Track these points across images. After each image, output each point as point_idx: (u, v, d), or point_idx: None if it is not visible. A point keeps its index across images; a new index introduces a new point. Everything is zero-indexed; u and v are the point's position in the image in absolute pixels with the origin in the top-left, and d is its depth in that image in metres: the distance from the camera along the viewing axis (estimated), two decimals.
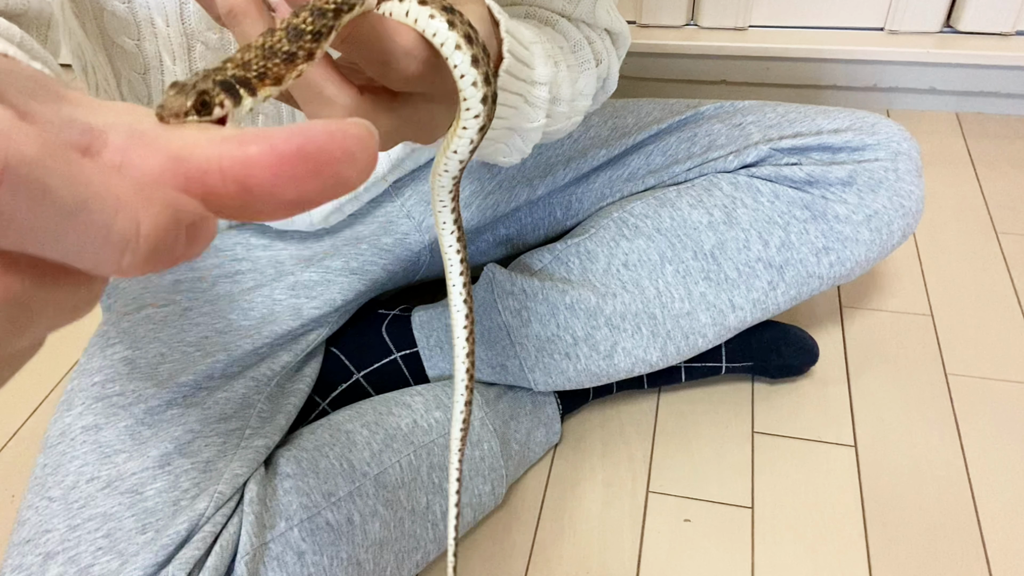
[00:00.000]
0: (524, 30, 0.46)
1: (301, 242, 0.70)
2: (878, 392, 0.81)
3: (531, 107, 0.49)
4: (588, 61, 0.57)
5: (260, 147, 0.17)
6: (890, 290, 0.92)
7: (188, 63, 0.52)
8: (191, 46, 0.52)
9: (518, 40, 0.43)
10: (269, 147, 0.17)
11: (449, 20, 0.30)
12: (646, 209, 0.70)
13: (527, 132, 0.50)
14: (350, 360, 0.73)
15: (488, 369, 0.72)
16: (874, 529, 0.69)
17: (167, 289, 0.66)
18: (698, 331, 0.69)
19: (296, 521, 0.57)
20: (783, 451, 0.76)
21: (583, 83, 0.56)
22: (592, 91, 0.57)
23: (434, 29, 0.30)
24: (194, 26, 0.51)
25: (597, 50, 0.60)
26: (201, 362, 0.61)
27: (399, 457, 0.64)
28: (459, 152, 0.34)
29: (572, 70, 0.53)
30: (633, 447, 0.77)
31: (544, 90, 0.48)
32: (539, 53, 0.47)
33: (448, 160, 0.35)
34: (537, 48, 0.47)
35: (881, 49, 1.18)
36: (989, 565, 0.66)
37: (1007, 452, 0.74)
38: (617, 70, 0.63)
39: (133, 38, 0.52)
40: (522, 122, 0.49)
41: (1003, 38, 1.17)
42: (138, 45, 0.53)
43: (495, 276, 0.71)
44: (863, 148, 0.69)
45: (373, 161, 0.18)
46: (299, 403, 0.67)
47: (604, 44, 0.61)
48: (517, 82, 0.45)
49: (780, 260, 0.68)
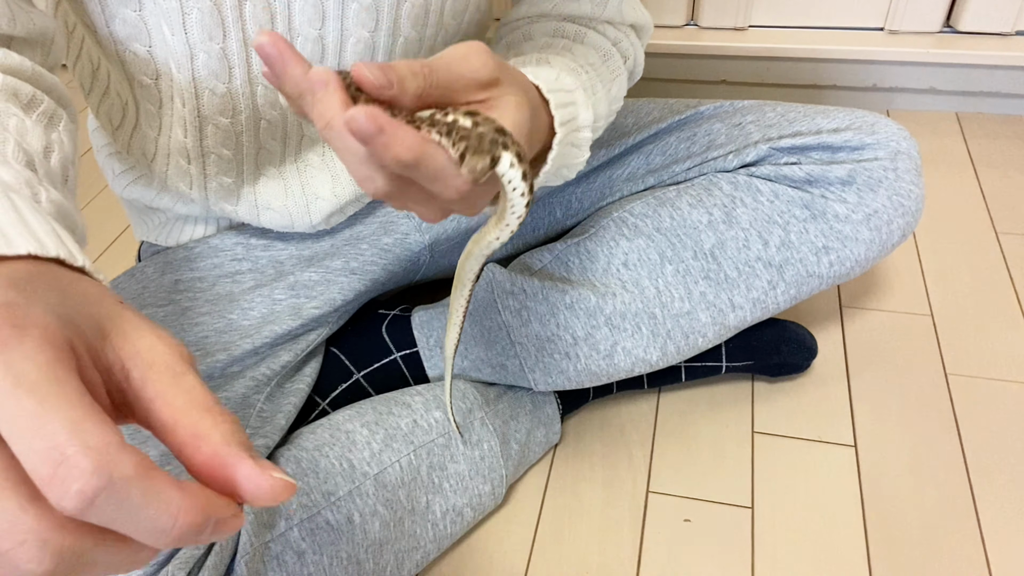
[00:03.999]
0: (565, 78, 0.50)
1: (301, 242, 0.70)
2: (878, 392, 0.81)
3: (578, 148, 0.53)
4: (619, 68, 0.61)
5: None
6: (890, 290, 0.92)
7: (191, 71, 0.53)
8: (194, 55, 0.52)
9: (563, 102, 0.48)
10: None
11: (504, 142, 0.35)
12: (646, 209, 0.71)
13: (574, 166, 0.54)
14: (350, 360, 0.73)
15: (488, 369, 0.72)
16: (874, 529, 0.69)
17: (167, 289, 0.66)
18: (698, 331, 0.69)
19: (296, 521, 0.57)
20: (783, 451, 0.76)
21: (616, 90, 0.59)
22: (624, 93, 0.61)
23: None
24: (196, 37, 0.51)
25: (624, 49, 0.62)
26: (201, 362, 0.61)
27: (399, 457, 0.64)
28: (501, 238, 0.41)
29: (606, 84, 0.57)
30: (633, 447, 0.77)
31: (588, 131, 0.52)
32: (581, 100, 0.51)
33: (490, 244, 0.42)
34: (579, 95, 0.51)
35: (881, 49, 1.18)
36: (989, 565, 0.65)
37: (1007, 452, 0.74)
38: (642, 59, 0.65)
39: (144, 44, 0.53)
40: (570, 161, 0.54)
41: (1003, 38, 1.17)
42: (150, 51, 0.54)
43: (495, 276, 0.71)
44: (862, 147, 0.69)
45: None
46: (299, 403, 0.67)
47: (630, 40, 0.63)
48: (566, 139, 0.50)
49: (780, 259, 0.68)
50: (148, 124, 0.59)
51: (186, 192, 0.62)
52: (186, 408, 0.25)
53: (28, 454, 0.22)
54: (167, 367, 0.26)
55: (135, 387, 0.26)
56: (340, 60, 0.57)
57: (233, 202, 0.64)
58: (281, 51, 0.36)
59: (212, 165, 0.60)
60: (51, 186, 0.36)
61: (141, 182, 0.65)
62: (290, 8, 0.53)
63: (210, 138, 0.58)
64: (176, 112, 0.57)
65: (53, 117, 0.43)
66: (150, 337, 0.27)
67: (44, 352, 0.23)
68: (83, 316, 0.26)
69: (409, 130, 0.34)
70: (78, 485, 0.21)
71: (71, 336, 0.25)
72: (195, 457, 0.25)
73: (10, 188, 0.32)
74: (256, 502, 0.25)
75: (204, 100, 0.55)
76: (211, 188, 0.62)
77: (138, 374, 0.26)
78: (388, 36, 0.57)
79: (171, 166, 0.61)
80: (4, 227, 0.28)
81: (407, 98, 0.37)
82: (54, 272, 0.28)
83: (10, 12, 0.43)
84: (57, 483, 0.21)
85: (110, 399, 0.26)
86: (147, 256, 0.71)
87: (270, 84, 0.51)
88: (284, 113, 0.58)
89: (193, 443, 0.25)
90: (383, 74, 0.36)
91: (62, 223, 0.35)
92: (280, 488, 0.25)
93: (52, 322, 0.24)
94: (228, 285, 0.67)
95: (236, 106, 0.56)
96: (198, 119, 0.56)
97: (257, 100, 0.56)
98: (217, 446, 0.25)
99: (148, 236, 0.71)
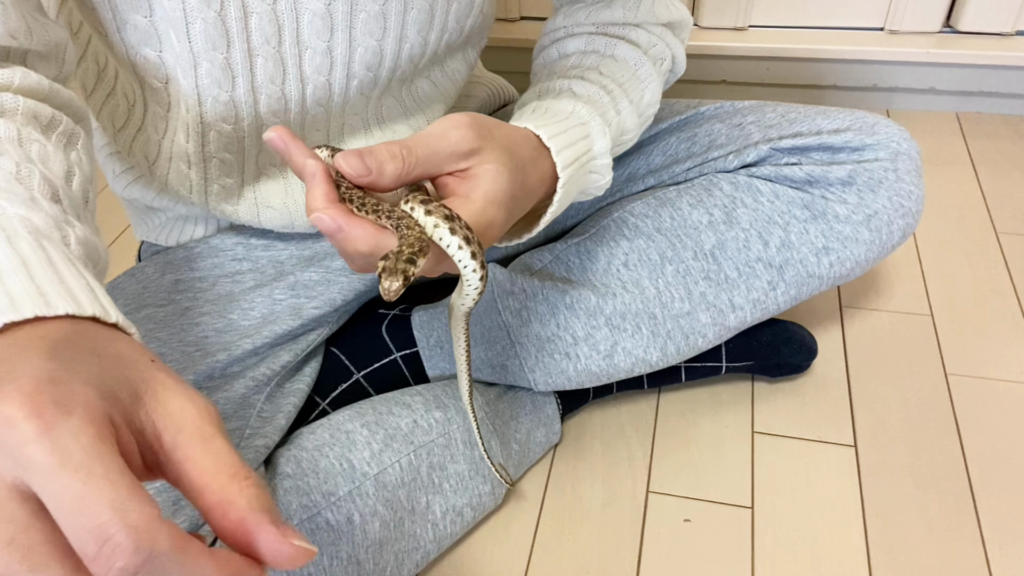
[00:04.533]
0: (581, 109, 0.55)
1: (301, 242, 0.70)
2: (878, 392, 0.81)
3: (598, 174, 0.57)
4: (649, 75, 0.63)
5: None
6: (890, 290, 0.92)
7: (195, 78, 0.53)
8: (197, 63, 0.52)
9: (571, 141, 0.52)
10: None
11: (451, 228, 0.41)
12: (646, 209, 0.70)
13: (597, 189, 0.58)
14: (350, 360, 0.73)
15: (488, 369, 0.72)
16: (874, 529, 0.69)
17: (167, 289, 0.66)
18: (698, 331, 0.69)
19: (296, 521, 0.57)
20: (783, 451, 0.76)
21: (650, 96, 0.63)
22: (659, 96, 0.64)
23: (440, 235, 0.41)
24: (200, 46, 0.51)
25: (660, 52, 0.64)
26: (201, 362, 0.61)
27: (399, 457, 0.64)
28: (465, 304, 0.47)
29: (636, 96, 0.61)
30: (633, 447, 0.77)
31: (606, 158, 0.55)
32: (597, 130, 0.55)
33: (459, 309, 0.49)
34: (595, 125, 0.55)
35: (881, 49, 1.18)
36: (989, 565, 0.66)
37: (1007, 452, 0.74)
38: (683, 53, 0.68)
39: (155, 49, 0.53)
40: (589, 187, 0.58)
41: (1003, 38, 1.17)
42: (160, 56, 0.54)
43: (495, 276, 0.71)
44: (863, 148, 0.69)
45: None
46: (299, 403, 0.67)
47: (665, 41, 0.65)
48: (578, 175, 0.55)
49: (780, 260, 0.68)
50: (154, 127, 0.59)
51: (186, 196, 0.62)
52: (214, 472, 0.27)
53: (74, 531, 0.23)
54: (196, 430, 0.28)
55: (166, 449, 0.27)
56: (348, 70, 0.57)
57: (234, 202, 0.64)
58: (286, 143, 0.43)
59: (214, 168, 0.60)
60: (76, 219, 0.38)
61: (141, 182, 0.65)
62: (298, 21, 0.53)
63: (212, 143, 0.58)
64: (180, 117, 0.57)
65: (71, 136, 0.44)
66: (181, 399, 0.28)
67: (87, 430, 0.24)
68: (119, 381, 0.27)
69: (366, 226, 0.40)
70: (121, 563, 0.23)
71: (109, 408, 0.26)
72: (222, 522, 0.26)
73: (42, 234, 0.33)
74: (276, 567, 0.27)
75: (207, 107, 0.55)
76: (212, 191, 0.62)
77: (169, 437, 0.27)
78: (395, 43, 0.57)
79: (172, 170, 0.61)
80: (43, 286, 0.29)
81: (386, 181, 0.43)
82: (89, 331, 0.29)
83: (26, 26, 0.43)
84: (102, 560, 0.23)
85: (143, 459, 0.28)
86: (147, 256, 0.71)
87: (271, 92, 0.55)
88: (286, 121, 0.59)
89: (220, 508, 0.26)
90: (361, 163, 0.42)
91: (90, 260, 0.36)
92: (299, 555, 0.26)
93: (92, 397, 0.25)
94: (228, 285, 0.67)
95: (239, 113, 0.56)
96: (201, 125, 0.56)
97: (260, 108, 0.56)
98: (244, 512, 0.26)
99: (148, 236, 0.71)
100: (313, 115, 0.59)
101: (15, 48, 0.43)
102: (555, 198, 0.52)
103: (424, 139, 0.44)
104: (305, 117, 0.59)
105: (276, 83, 0.55)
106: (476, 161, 0.45)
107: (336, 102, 0.59)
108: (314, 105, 0.58)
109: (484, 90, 0.81)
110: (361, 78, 0.58)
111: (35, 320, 0.28)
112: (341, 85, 0.58)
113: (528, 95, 0.61)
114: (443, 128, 0.45)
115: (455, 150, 0.44)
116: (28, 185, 0.36)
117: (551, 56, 0.67)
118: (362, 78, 0.58)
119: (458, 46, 0.64)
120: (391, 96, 0.63)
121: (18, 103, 0.41)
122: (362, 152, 0.42)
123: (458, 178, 0.46)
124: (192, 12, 0.50)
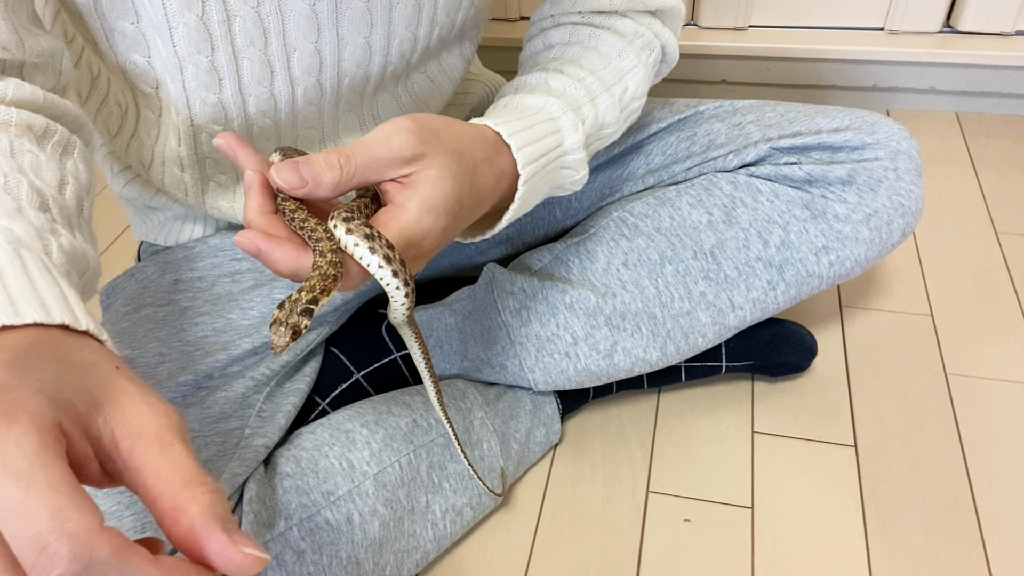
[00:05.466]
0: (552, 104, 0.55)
1: None
2: (878, 392, 0.81)
3: (571, 170, 0.57)
4: (633, 67, 0.61)
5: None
6: (890, 290, 0.92)
7: (182, 82, 0.53)
8: (183, 67, 0.52)
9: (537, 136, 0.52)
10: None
11: (371, 247, 0.41)
12: (646, 209, 0.70)
13: (571, 184, 0.57)
14: (350, 360, 0.73)
15: (488, 369, 0.72)
16: (874, 529, 0.69)
17: (167, 289, 0.66)
18: (698, 330, 0.69)
19: (295, 520, 0.57)
20: (783, 451, 0.76)
21: (633, 90, 0.62)
22: (645, 88, 0.63)
23: (360, 254, 0.41)
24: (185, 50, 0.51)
25: (646, 41, 0.63)
26: (201, 362, 0.61)
27: (399, 456, 0.64)
28: (396, 317, 0.47)
29: (616, 88, 0.60)
30: (633, 447, 0.77)
31: (579, 152, 0.54)
32: (568, 125, 0.55)
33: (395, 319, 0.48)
34: (565, 120, 0.55)
35: (881, 49, 1.18)
36: (989, 565, 0.65)
37: (1007, 452, 0.74)
38: (675, 43, 0.67)
39: (144, 55, 0.53)
40: (562, 183, 0.57)
41: (1003, 38, 1.17)
42: (149, 62, 0.54)
43: (495, 276, 0.71)
44: (863, 147, 0.69)
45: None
46: (299, 403, 0.67)
47: (654, 29, 0.64)
48: (545, 171, 0.54)
49: (780, 259, 0.68)
50: (146, 132, 0.59)
51: (182, 198, 0.62)
52: (168, 479, 0.27)
53: (14, 539, 0.23)
54: (155, 437, 0.28)
55: (124, 456, 0.28)
56: (339, 69, 0.57)
57: (229, 199, 0.64)
58: (234, 150, 0.43)
59: (209, 168, 0.60)
60: (64, 227, 0.38)
61: (138, 182, 0.65)
62: (284, 23, 0.52)
63: (205, 145, 0.58)
64: (171, 121, 0.57)
65: (67, 146, 0.44)
66: (141, 406, 0.28)
67: (31, 438, 0.24)
68: (77, 389, 0.28)
69: (287, 248, 0.40)
70: (59, 571, 0.23)
71: (59, 416, 0.26)
72: (174, 528, 0.26)
73: (22, 244, 0.33)
74: (228, 574, 0.26)
75: (196, 110, 0.55)
76: (208, 190, 0.62)
77: (127, 444, 0.28)
78: (383, 39, 0.57)
79: (167, 174, 0.61)
80: (15, 295, 0.30)
81: (323, 191, 0.42)
82: (56, 339, 0.29)
83: (18, 38, 0.43)
84: (40, 569, 0.23)
85: (101, 466, 0.28)
86: (147, 256, 0.71)
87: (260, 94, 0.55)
88: (277, 120, 0.58)
89: (172, 515, 0.26)
90: (296, 175, 0.42)
91: (74, 267, 0.36)
92: (250, 563, 0.26)
93: (40, 405, 0.26)
94: (228, 284, 0.67)
95: (228, 115, 0.56)
96: (191, 128, 0.56)
97: (248, 109, 0.56)
98: (194, 518, 0.26)
99: (148, 236, 0.71)
100: (305, 114, 0.59)
101: (9, 60, 0.43)
102: (516, 195, 0.51)
103: (365, 146, 0.44)
104: (296, 116, 0.59)
105: (264, 85, 0.55)
106: (419, 167, 0.44)
107: (328, 101, 0.59)
108: (305, 105, 0.58)
109: (482, 88, 0.81)
110: (352, 76, 0.58)
111: (3, 329, 0.28)
112: (332, 84, 0.58)
113: (506, 88, 0.61)
114: (385, 134, 0.44)
115: (396, 156, 0.44)
116: (16, 195, 0.37)
117: (536, 47, 0.67)
118: (353, 76, 0.58)
119: (452, 40, 0.64)
120: (386, 93, 0.63)
121: (11, 115, 0.41)
122: (299, 163, 0.42)
123: (398, 185, 0.45)
124: (174, 17, 0.50)
